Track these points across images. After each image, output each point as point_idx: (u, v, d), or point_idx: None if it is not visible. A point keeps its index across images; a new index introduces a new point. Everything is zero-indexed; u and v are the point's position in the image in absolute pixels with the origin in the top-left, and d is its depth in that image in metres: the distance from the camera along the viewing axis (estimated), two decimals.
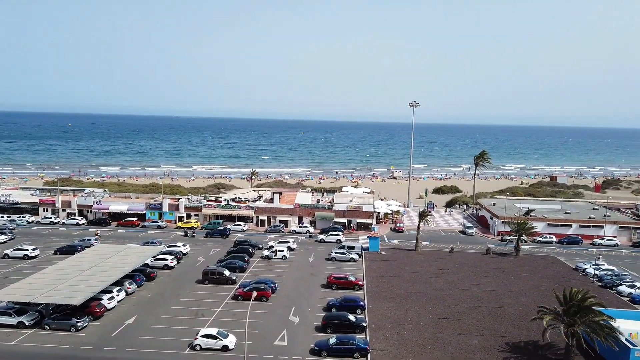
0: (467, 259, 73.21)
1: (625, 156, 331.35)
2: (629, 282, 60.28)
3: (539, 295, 56.73)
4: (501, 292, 58.18)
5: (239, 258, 66.50)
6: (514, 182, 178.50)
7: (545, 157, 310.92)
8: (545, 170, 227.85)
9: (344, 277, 59.30)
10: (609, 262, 71.57)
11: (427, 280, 62.02)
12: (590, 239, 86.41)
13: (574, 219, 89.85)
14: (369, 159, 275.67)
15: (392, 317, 49.98)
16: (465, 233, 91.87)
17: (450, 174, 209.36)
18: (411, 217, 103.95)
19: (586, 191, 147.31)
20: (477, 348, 43.35)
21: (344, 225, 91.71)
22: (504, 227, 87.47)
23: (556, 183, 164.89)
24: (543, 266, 70.17)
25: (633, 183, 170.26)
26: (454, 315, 50.64)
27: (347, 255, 71.13)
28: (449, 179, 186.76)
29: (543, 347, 43.60)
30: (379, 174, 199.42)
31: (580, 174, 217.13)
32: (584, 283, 60.86)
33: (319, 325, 47.21)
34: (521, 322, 48.76)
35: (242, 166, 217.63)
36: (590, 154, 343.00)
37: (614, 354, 39.88)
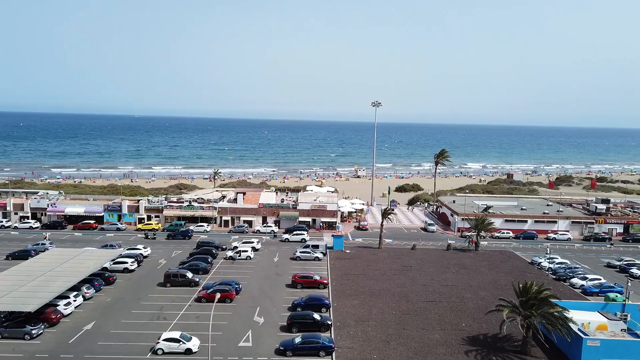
0: (429, 255, 74.79)
1: (577, 154, 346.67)
2: (581, 275, 63.13)
3: (497, 289, 58.59)
4: (461, 287, 59.77)
5: (202, 259, 65.52)
6: (473, 180, 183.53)
7: (503, 156, 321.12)
8: (504, 169, 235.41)
9: (308, 276, 59.42)
10: (562, 255, 74.71)
11: (390, 277, 62.96)
12: (544, 234, 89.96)
13: (529, 215, 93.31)
14: (334, 158, 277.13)
15: (356, 314, 50.48)
16: (427, 230, 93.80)
17: (412, 172, 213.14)
18: (375, 216, 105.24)
19: (540, 188, 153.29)
20: (439, 342, 44.39)
21: (309, 224, 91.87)
22: (464, 223, 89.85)
23: (512, 180, 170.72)
24: (501, 261, 72.55)
25: (584, 180, 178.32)
26: (417, 311, 51.65)
27: (312, 254, 71.29)
28: (411, 177, 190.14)
29: (501, 339, 45.09)
30: (343, 173, 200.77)
31: (535, 171, 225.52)
32: (539, 276, 63.30)
33: (284, 325, 47.15)
34: (481, 316, 50.24)
35: (204, 166, 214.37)
36: (545, 152, 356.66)
37: (567, 343, 41.66)
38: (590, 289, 58.76)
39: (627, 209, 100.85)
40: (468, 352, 42.68)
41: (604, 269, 69.22)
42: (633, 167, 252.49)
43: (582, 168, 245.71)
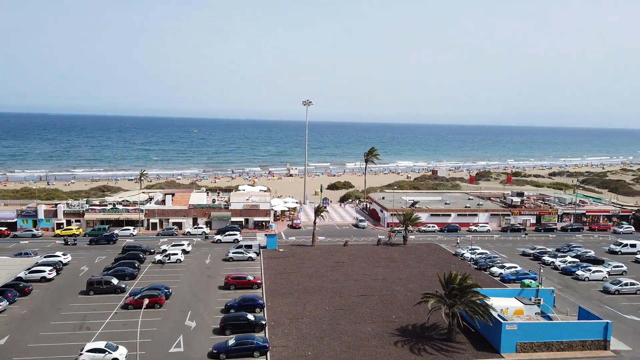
0: (360, 250, 76.63)
1: (496, 150, 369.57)
2: (500, 264, 67.57)
3: (424, 280, 61.23)
4: (391, 280, 61.85)
5: (129, 265, 62.67)
6: (401, 176, 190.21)
7: (430, 153, 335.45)
8: (429, 165, 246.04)
9: (242, 277, 58.77)
10: (483, 246, 79.48)
11: (323, 274, 63.79)
12: (466, 226, 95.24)
13: (452, 209, 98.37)
14: (267, 157, 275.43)
15: (290, 312, 50.66)
16: (358, 226, 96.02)
17: (345, 170, 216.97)
18: (307, 213, 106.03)
19: (462, 183, 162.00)
20: (370, 335, 45.66)
21: (241, 224, 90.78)
22: (393, 218, 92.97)
23: (437, 176, 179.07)
24: (427, 253, 75.90)
25: (501, 175, 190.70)
26: (350, 306, 52.76)
27: (245, 255, 70.56)
28: (342, 175, 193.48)
29: (429, 328, 47.22)
30: (275, 172, 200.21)
31: (457, 167, 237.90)
32: (462, 267, 66.97)
33: (217, 328, 46.32)
34: (410, 307, 52.26)
35: (130, 167, 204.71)
36: (467, 150, 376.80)
37: (489, 329, 44.46)
38: (507, 277, 63.02)
39: (539, 201, 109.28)
40: (398, 342, 44.28)
41: (520, 258, 74.51)
42: (543, 163, 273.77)
43: (499, 164, 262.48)
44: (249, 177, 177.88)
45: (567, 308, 51.76)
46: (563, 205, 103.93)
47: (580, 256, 72.57)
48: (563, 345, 43.10)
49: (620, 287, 58.92)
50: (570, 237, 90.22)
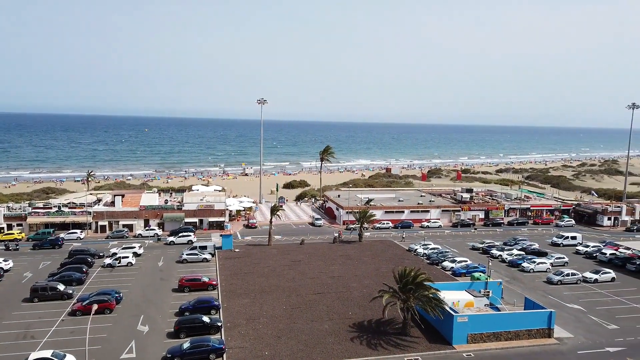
0: (317, 249, 76.99)
1: (447, 149, 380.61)
2: (451, 258, 69.73)
3: (380, 276, 62.27)
4: (348, 277, 62.54)
5: (76, 269, 60.16)
6: (356, 174, 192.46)
7: (384, 151, 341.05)
8: (383, 163, 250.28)
9: (196, 279, 57.70)
10: (435, 241, 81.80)
11: (280, 273, 63.65)
12: (419, 223, 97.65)
13: (405, 206, 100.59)
14: (222, 156, 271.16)
15: (247, 313, 50.25)
16: (315, 224, 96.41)
17: (300, 169, 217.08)
18: (263, 213, 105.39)
19: (415, 180, 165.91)
20: (327, 332, 45.99)
21: (196, 225, 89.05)
22: (349, 216, 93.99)
23: (390, 174, 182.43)
24: (382, 250, 77.28)
25: (451, 172, 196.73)
26: (307, 304, 52.92)
27: (200, 256, 69.32)
28: (298, 174, 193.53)
29: (384, 323, 48.11)
30: (231, 172, 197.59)
31: (410, 165, 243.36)
32: (415, 262, 68.63)
33: (171, 332, 45.27)
34: (366, 303, 53.04)
35: (76, 168, 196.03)
36: (419, 148, 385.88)
37: (441, 322, 45.83)
38: (458, 271, 65.16)
39: (487, 197, 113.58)
40: (354, 338, 44.85)
41: (470, 252, 77.21)
42: (491, 160, 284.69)
43: (450, 161, 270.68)
44: (203, 177, 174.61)
45: (514, 299, 54.10)
46: (509, 201, 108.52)
47: (525, 249, 76.08)
48: (511, 334, 45.04)
49: (562, 278, 62.22)
50: (516, 231, 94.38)
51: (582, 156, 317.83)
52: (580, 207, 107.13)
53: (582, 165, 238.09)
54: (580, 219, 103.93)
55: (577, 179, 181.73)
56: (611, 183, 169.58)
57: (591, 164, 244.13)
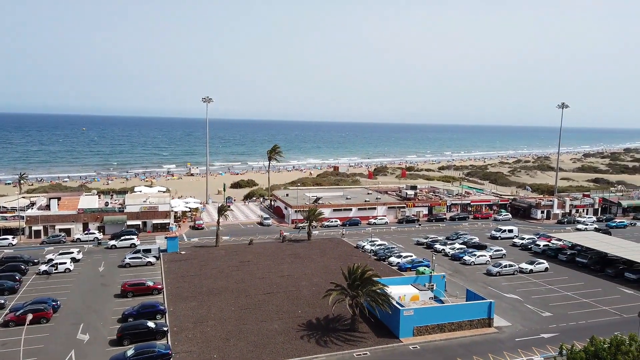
0: (266, 248, 76.58)
1: (393, 147, 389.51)
2: (397, 254, 71.50)
3: (329, 274, 62.84)
4: (297, 276, 62.66)
5: (8, 278, 56.57)
6: (304, 173, 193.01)
7: (332, 150, 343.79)
8: (329, 162, 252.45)
9: (140, 283, 55.81)
10: (382, 237, 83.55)
11: (228, 274, 62.79)
12: (366, 220, 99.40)
13: (353, 204, 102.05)
14: (166, 156, 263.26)
15: (194, 316, 49.20)
16: (263, 224, 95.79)
17: (248, 168, 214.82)
18: (210, 213, 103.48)
19: (362, 178, 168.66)
20: (277, 332, 45.90)
21: (139, 227, 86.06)
22: (297, 215, 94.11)
23: (338, 172, 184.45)
24: (331, 247, 78.02)
25: (396, 170, 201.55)
26: (256, 305, 52.55)
27: (144, 260, 67.08)
28: (246, 173, 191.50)
29: (333, 320, 48.64)
30: (175, 172, 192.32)
31: (357, 163, 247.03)
32: (363, 258, 69.85)
33: (114, 339, 43.55)
34: (315, 301, 53.39)
35: (7, 170, 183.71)
36: (366, 147, 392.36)
37: (388, 316, 46.94)
38: (404, 265, 66.93)
39: (430, 193, 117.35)
40: (304, 337, 45.04)
41: (415, 247, 79.50)
42: (434, 158, 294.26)
43: (395, 159, 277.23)
44: (146, 178, 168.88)
45: (457, 291, 56.30)
46: (451, 197, 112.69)
47: (466, 243, 79.33)
48: (454, 325, 46.86)
49: (500, 269, 65.44)
50: (458, 226, 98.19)
51: (518, 153, 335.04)
52: (516, 201, 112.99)
53: (518, 162, 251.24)
54: (516, 213, 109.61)
55: (513, 175, 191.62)
56: (544, 178, 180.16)
57: (525, 161, 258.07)
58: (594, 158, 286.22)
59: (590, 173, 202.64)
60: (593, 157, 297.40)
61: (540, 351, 43.00)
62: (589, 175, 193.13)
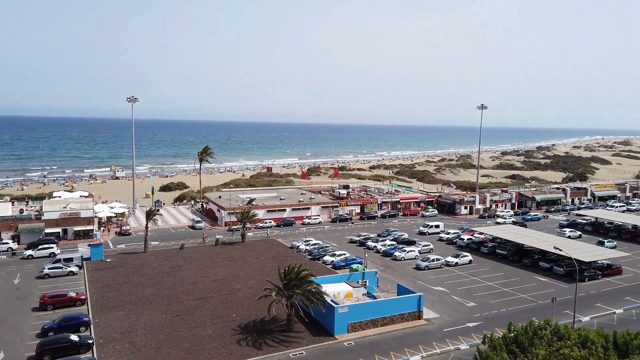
0: (198, 253, 74.70)
1: (326, 147, 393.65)
2: (331, 252, 72.51)
3: (264, 275, 62.41)
4: (231, 279, 61.73)
5: None
6: (237, 174, 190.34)
7: (266, 151, 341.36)
8: (264, 163, 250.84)
9: (61, 294, 52.42)
10: (316, 237, 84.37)
11: (159, 281, 60.57)
12: (301, 220, 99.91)
13: (287, 204, 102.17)
14: (88, 159, 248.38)
15: (122, 326, 46.97)
16: (195, 227, 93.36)
17: (178, 170, 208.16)
18: (138, 218, 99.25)
19: (295, 178, 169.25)
20: (211, 337, 44.96)
21: (59, 235, 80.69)
22: (231, 217, 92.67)
23: (272, 173, 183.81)
24: (265, 249, 77.61)
25: (329, 170, 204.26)
26: (188, 311, 51.14)
27: (65, 269, 63.06)
28: (176, 175, 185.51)
29: (269, 322, 48.45)
30: (99, 175, 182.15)
31: (290, 164, 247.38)
32: (298, 258, 70.15)
33: (32, 356, 40.58)
34: (250, 304, 52.89)
35: None
36: (302, 147, 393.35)
37: (323, 314, 47.51)
38: (338, 264, 68.04)
39: (362, 192, 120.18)
40: (240, 340, 44.48)
41: (348, 245, 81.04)
42: (364, 157, 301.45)
43: (327, 160, 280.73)
44: (65, 182, 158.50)
45: (389, 286, 58.16)
46: (382, 195, 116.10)
47: (397, 239, 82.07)
48: (386, 320, 48.36)
49: (428, 263, 68.41)
50: (389, 223, 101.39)
51: (443, 153, 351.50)
52: (441, 198, 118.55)
53: (442, 161, 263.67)
54: (442, 209, 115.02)
55: (439, 173, 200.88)
56: (466, 176, 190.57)
57: (450, 160, 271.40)
58: (510, 156, 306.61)
59: (508, 170, 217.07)
60: (510, 155, 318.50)
61: (467, 340, 45.49)
62: (507, 172, 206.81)
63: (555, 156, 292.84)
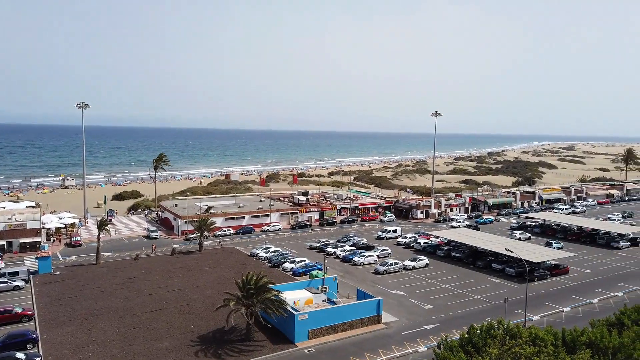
0: (154, 263, 72.66)
1: (285, 154, 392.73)
2: (291, 259, 72.29)
3: (222, 284, 61.45)
4: (188, 290, 60.36)
5: None
6: (194, 182, 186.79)
7: (223, 158, 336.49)
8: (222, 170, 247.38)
9: (6, 311, 49.70)
10: (275, 244, 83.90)
11: (112, 293, 58.44)
12: (260, 227, 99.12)
13: (246, 211, 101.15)
14: (36, 167, 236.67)
15: (72, 342, 44.96)
16: (150, 237, 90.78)
17: (131, 178, 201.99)
18: (90, 229, 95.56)
19: (254, 185, 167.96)
20: (168, 350, 43.77)
21: (3, 248, 76.46)
22: (187, 226, 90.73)
23: (230, 180, 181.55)
24: (224, 257, 76.45)
25: (288, 176, 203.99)
26: (144, 323, 49.59)
27: (10, 284, 59.83)
28: (129, 184, 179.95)
29: (229, 332, 47.67)
30: (46, 184, 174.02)
31: (249, 171, 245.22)
32: (257, 266, 69.50)
33: None
34: (209, 314, 51.89)
35: None
36: (260, 154, 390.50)
37: (284, 322, 47.23)
38: (298, 270, 67.89)
39: (321, 198, 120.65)
40: (198, 352, 43.52)
41: (307, 251, 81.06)
42: (323, 164, 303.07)
43: (287, 166, 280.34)
44: (10, 192, 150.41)
45: (348, 292, 58.50)
46: (341, 201, 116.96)
47: (356, 244, 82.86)
48: (346, 325, 48.63)
49: (387, 268, 69.40)
50: (348, 229, 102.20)
51: (400, 158, 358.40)
52: (398, 203, 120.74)
53: (399, 167, 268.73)
54: (399, 214, 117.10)
55: (396, 178, 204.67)
56: (422, 181, 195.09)
57: (406, 165, 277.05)
58: (463, 161, 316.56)
59: (461, 175, 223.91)
60: (463, 160, 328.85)
61: (425, 342, 46.40)
62: (460, 177, 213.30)
63: (505, 161, 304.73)
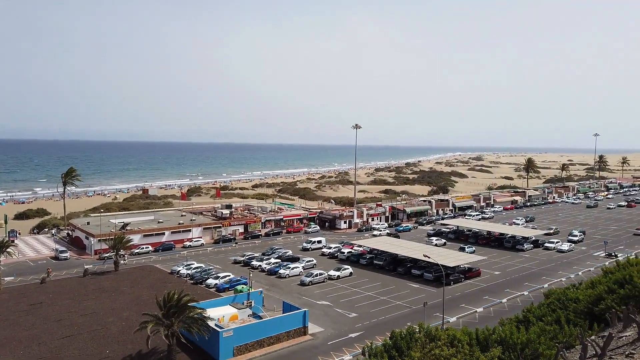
0: (63, 286, 67.41)
1: (206, 167, 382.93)
2: (214, 275, 70.39)
3: (141, 305, 58.40)
4: (103, 313, 56.65)
5: None
6: (108, 198, 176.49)
7: (140, 172, 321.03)
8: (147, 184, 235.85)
9: None
10: (198, 260, 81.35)
11: (15, 321, 53.34)
12: (181, 243, 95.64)
13: (166, 227, 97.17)
14: None
15: None
16: (59, 258, 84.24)
17: (36, 195, 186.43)
18: None
19: (175, 200, 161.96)
20: None
21: None
22: (101, 245, 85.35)
23: (148, 195, 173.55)
24: (142, 276, 72.73)
25: (211, 189, 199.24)
26: (52, 352, 45.73)
27: None
28: (34, 201, 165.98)
29: (148, 355, 45.29)
30: None
31: (169, 185, 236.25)
32: (179, 284, 66.84)
33: None
34: (126, 337, 48.99)
35: None
36: (184, 167, 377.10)
37: (208, 340, 45.74)
38: (222, 286, 66.25)
39: (245, 211, 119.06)
40: None
41: (232, 266, 79.47)
42: (246, 176, 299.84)
43: (209, 179, 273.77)
44: None
45: (274, 305, 58.01)
46: (265, 213, 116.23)
47: (281, 257, 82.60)
48: (272, 339, 48.14)
49: (312, 279, 69.82)
50: (273, 241, 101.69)
51: (323, 170, 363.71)
52: (322, 214, 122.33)
53: (323, 178, 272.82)
54: (323, 225, 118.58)
55: (319, 189, 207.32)
56: (344, 191, 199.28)
57: (329, 176, 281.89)
58: (383, 172, 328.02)
59: (381, 185, 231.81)
60: (383, 171, 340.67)
61: (350, 350, 47.12)
62: (380, 187, 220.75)
63: (421, 171, 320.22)
